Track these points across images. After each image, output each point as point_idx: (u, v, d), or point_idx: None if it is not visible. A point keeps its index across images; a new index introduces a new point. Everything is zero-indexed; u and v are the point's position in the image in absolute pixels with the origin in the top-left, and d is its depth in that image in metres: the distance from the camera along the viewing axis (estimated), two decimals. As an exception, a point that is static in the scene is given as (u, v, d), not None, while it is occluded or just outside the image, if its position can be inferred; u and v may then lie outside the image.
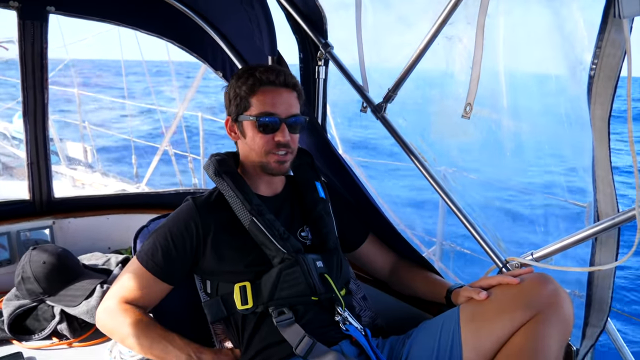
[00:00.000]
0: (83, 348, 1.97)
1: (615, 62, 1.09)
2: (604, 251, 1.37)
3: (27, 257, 2.07)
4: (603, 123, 1.18)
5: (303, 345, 1.37)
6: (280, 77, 1.48)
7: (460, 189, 1.78)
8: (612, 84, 1.12)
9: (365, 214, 1.86)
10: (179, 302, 1.61)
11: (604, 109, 1.15)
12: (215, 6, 2.31)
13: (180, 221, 1.49)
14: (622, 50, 1.08)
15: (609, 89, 1.13)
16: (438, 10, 1.59)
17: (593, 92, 1.14)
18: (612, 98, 1.14)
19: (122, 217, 2.64)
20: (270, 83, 1.48)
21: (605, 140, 1.20)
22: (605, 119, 1.17)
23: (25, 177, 2.49)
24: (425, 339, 1.48)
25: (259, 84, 1.47)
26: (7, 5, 2.17)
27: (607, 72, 1.11)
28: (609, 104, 1.15)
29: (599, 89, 1.14)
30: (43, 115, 2.39)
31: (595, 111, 1.17)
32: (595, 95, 1.15)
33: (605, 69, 1.11)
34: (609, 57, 1.09)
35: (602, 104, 1.15)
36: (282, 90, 1.49)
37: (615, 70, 1.10)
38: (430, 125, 2.04)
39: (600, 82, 1.12)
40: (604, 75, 1.11)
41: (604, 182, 1.28)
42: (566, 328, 1.32)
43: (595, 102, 1.16)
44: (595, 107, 1.16)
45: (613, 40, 1.07)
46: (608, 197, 1.30)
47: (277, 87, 1.49)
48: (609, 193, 1.29)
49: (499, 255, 1.63)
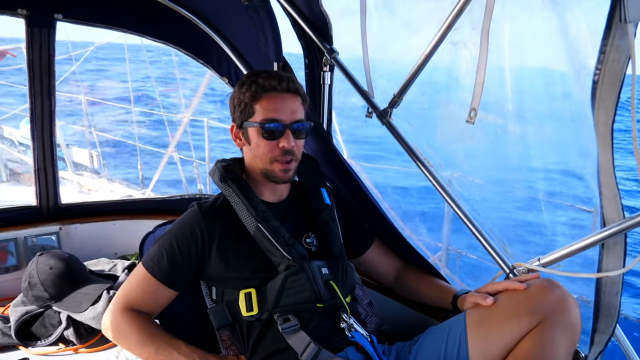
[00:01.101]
0: (89, 354, 1.97)
1: (620, 68, 1.09)
2: (611, 257, 1.35)
3: (34, 263, 2.08)
4: (607, 128, 1.17)
5: (309, 352, 1.37)
6: (283, 83, 1.48)
7: (466, 194, 1.77)
8: (616, 90, 1.11)
9: (370, 219, 1.85)
10: (184, 308, 1.61)
11: (607, 114, 1.15)
12: (220, 13, 2.32)
13: (186, 227, 1.49)
14: (626, 55, 1.07)
15: (612, 95, 1.12)
16: (443, 16, 1.60)
17: (597, 97, 1.14)
18: (615, 104, 1.13)
19: (128, 223, 2.65)
20: (274, 89, 1.48)
21: (609, 145, 1.19)
22: (609, 125, 1.16)
23: (32, 183, 2.50)
24: (432, 344, 1.47)
25: (262, 91, 1.47)
26: (15, 13, 2.19)
27: (611, 78, 1.10)
28: (612, 110, 1.14)
29: (603, 94, 1.13)
30: (50, 122, 2.41)
31: (599, 116, 1.16)
32: (599, 100, 1.14)
33: (609, 74, 1.10)
34: (613, 62, 1.08)
35: (606, 109, 1.14)
36: (285, 96, 1.49)
37: (619, 75, 1.09)
38: (435, 131, 2.04)
39: (604, 87, 1.12)
40: (607, 80, 1.10)
41: (608, 188, 1.26)
42: (574, 334, 1.31)
43: (599, 108, 1.15)
44: (599, 112, 1.15)
45: (617, 46, 1.07)
46: (612, 203, 1.28)
47: (281, 93, 1.48)
48: (614, 199, 1.27)
49: (505, 261, 1.62)
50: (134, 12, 2.46)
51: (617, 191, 1.26)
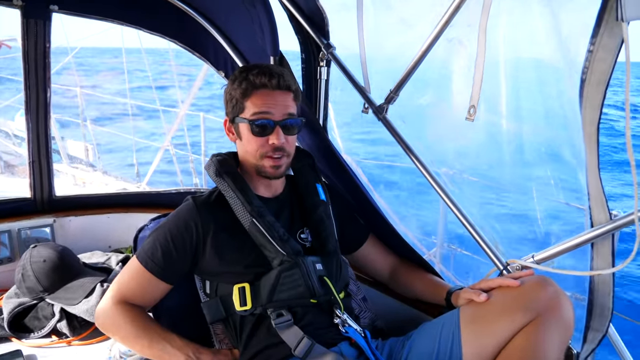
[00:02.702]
0: (82, 346, 1.97)
1: (607, 67, 1.08)
2: (600, 258, 1.36)
3: (27, 255, 2.08)
4: (593, 128, 1.16)
5: (302, 347, 1.37)
6: (274, 80, 1.46)
7: (459, 192, 1.77)
8: (602, 89, 1.11)
9: (365, 215, 1.86)
10: (178, 301, 1.61)
11: (594, 113, 1.14)
12: (217, 6, 2.31)
13: (180, 221, 1.49)
14: (613, 55, 1.06)
15: (599, 94, 1.11)
16: (439, 13, 1.59)
17: (584, 96, 1.13)
18: (601, 103, 1.12)
19: (122, 216, 2.65)
20: (264, 86, 1.47)
21: (595, 145, 1.19)
22: (595, 124, 1.16)
23: (26, 175, 2.49)
24: (425, 340, 1.48)
25: (252, 87, 1.47)
26: (10, 3, 2.17)
27: (597, 77, 1.09)
28: (598, 109, 1.13)
29: (590, 93, 1.12)
30: (45, 114, 2.40)
31: (586, 116, 1.16)
32: (586, 99, 1.13)
33: (596, 73, 1.09)
34: (600, 61, 1.08)
35: (592, 108, 1.14)
36: (276, 93, 1.48)
37: (606, 75, 1.09)
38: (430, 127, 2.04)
39: (590, 86, 1.11)
40: (594, 79, 1.10)
41: (594, 188, 1.26)
42: (566, 331, 1.32)
43: (586, 107, 1.15)
44: (586, 111, 1.15)
45: (605, 45, 1.06)
46: (599, 202, 1.28)
47: (271, 89, 1.47)
48: (600, 199, 1.27)
49: (499, 257, 1.63)
50: (130, 4, 2.45)
51: (603, 191, 1.26)
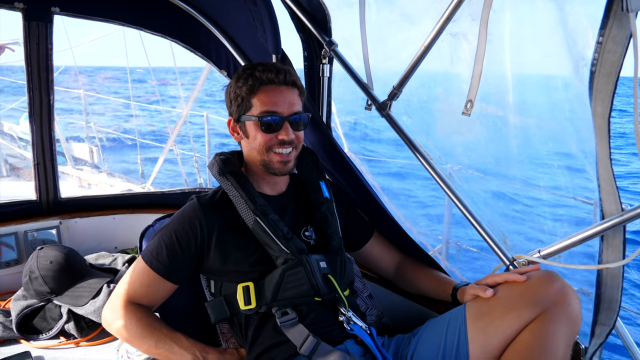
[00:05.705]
0: (90, 347, 1.97)
1: (616, 59, 1.07)
2: (611, 250, 1.35)
3: (34, 257, 2.09)
4: (603, 120, 1.16)
5: (307, 345, 1.37)
6: (280, 76, 1.47)
7: (466, 187, 1.76)
8: (613, 81, 1.10)
9: (370, 212, 1.85)
10: (185, 300, 1.61)
11: (604, 106, 1.13)
12: (219, 5, 2.30)
13: (185, 220, 1.49)
14: (623, 47, 1.05)
15: (609, 86, 1.10)
16: (442, 8, 1.58)
17: (594, 88, 1.12)
18: (612, 95, 1.11)
19: (128, 217, 2.65)
20: (270, 82, 1.47)
21: (606, 138, 1.18)
22: (606, 116, 1.15)
23: (31, 177, 2.50)
24: (432, 337, 1.48)
25: (259, 84, 1.47)
26: (12, 6, 2.18)
27: (607, 69, 1.09)
28: (609, 101, 1.13)
29: (600, 85, 1.11)
30: (49, 117, 2.40)
31: (596, 108, 1.15)
32: (596, 91, 1.13)
33: (605, 65, 1.08)
34: (610, 53, 1.07)
35: (603, 100, 1.13)
36: (282, 89, 1.48)
37: (616, 67, 1.08)
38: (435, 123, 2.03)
39: (600, 78, 1.10)
40: (604, 71, 1.09)
41: (605, 181, 1.26)
42: (574, 326, 1.31)
43: (596, 99, 1.14)
44: (596, 104, 1.14)
45: (614, 37, 1.05)
46: (611, 195, 1.28)
47: (278, 85, 1.48)
48: (611, 191, 1.27)
49: (506, 252, 1.62)
50: (132, 5, 2.45)
51: (615, 184, 1.25)
